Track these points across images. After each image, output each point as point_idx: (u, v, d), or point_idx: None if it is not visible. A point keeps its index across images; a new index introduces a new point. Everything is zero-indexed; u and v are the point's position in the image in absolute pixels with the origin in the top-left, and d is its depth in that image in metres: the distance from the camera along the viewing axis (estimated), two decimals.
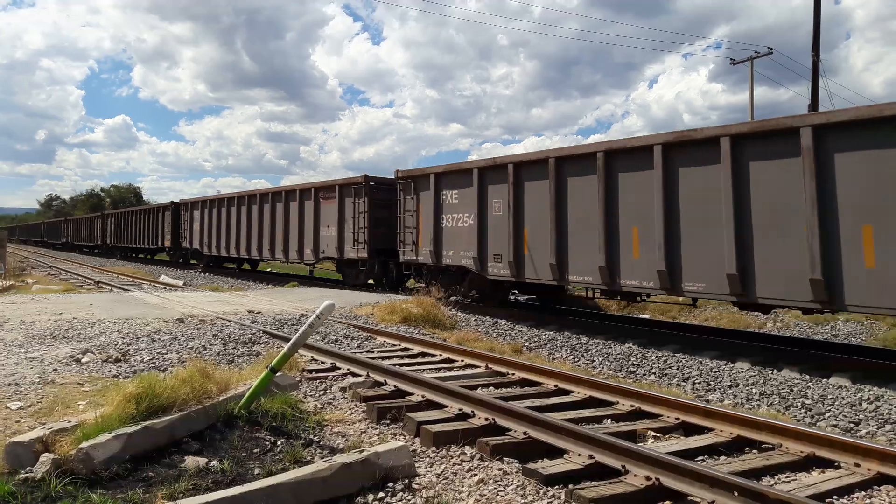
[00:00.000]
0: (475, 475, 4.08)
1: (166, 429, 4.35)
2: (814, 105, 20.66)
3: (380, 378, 6.31)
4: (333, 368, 6.95)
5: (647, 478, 3.79)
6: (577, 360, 8.81)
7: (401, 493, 3.79)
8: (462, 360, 7.57)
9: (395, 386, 6.03)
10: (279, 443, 4.58)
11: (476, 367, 7.28)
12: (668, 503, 3.65)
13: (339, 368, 6.92)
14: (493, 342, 9.48)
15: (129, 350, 7.52)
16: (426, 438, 4.67)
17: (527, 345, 9.65)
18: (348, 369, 6.83)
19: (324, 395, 6.04)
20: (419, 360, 7.75)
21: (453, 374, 7.00)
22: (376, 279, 16.82)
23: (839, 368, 7.88)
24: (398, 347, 8.58)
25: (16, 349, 7.40)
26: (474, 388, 6.08)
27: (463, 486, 3.93)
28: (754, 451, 4.60)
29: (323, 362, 7.24)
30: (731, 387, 7.26)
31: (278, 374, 5.25)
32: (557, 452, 4.36)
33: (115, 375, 6.35)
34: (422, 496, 3.77)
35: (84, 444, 3.89)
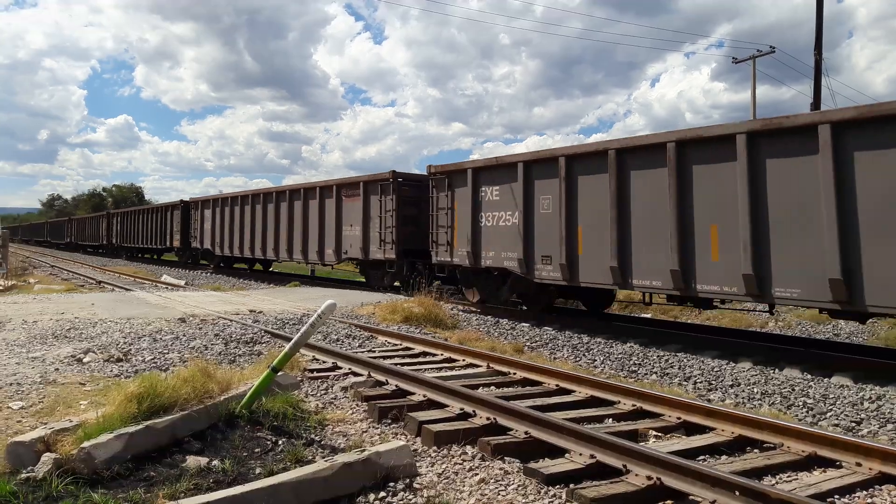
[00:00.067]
0: (476, 475, 4.08)
1: (168, 428, 4.36)
2: (816, 104, 20.62)
3: (381, 377, 6.31)
4: (335, 368, 6.95)
5: (649, 477, 3.79)
6: (578, 359, 8.81)
7: (402, 493, 3.79)
8: (463, 360, 7.57)
9: (396, 385, 6.03)
10: (280, 442, 4.58)
11: (477, 366, 7.28)
12: (669, 503, 3.65)
13: (341, 368, 6.92)
14: (495, 342, 9.48)
15: (130, 350, 7.53)
16: (427, 438, 4.67)
17: (528, 344, 9.65)
18: (350, 369, 6.84)
19: (325, 394, 6.05)
20: (421, 359, 7.75)
21: (455, 373, 7.00)
22: (404, 282, 15.76)
23: (841, 368, 7.87)
24: (399, 347, 8.58)
25: (18, 349, 7.42)
26: (476, 387, 6.08)
27: (464, 486, 3.94)
28: (756, 450, 4.60)
29: (324, 362, 7.24)
30: (732, 386, 7.25)
31: (280, 373, 5.25)
32: (559, 452, 4.36)
33: (116, 375, 6.35)
34: (423, 496, 3.77)
35: (85, 444, 3.89)
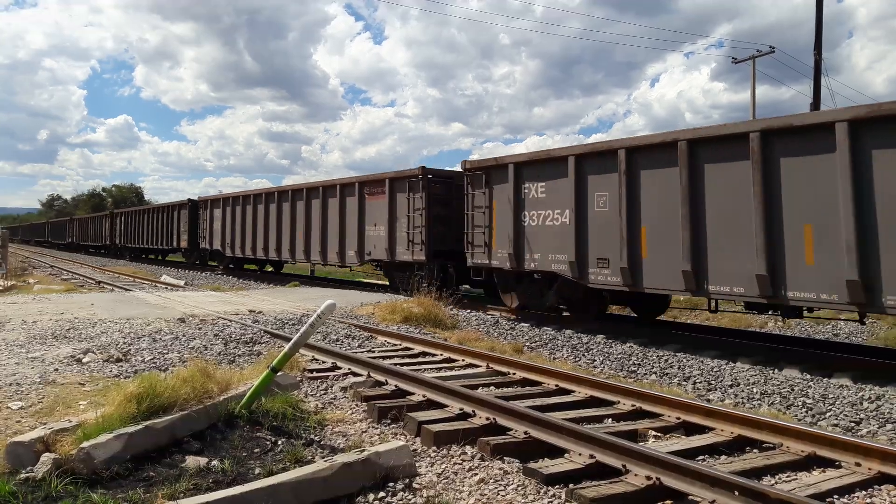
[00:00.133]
0: (476, 475, 4.08)
1: (167, 428, 4.36)
2: (816, 104, 20.62)
3: (381, 378, 6.31)
4: (334, 368, 6.95)
5: (648, 477, 3.79)
6: (577, 359, 8.81)
7: (401, 493, 3.79)
8: (463, 360, 7.57)
9: (395, 385, 6.03)
10: (280, 442, 4.59)
11: (477, 366, 7.29)
12: (668, 503, 3.65)
13: (340, 368, 6.92)
14: (494, 342, 9.48)
15: (130, 350, 7.53)
16: (427, 438, 4.67)
17: (528, 344, 9.65)
18: (349, 369, 6.84)
19: (325, 394, 6.05)
20: (420, 359, 7.75)
21: (454, 373, 7.00)
22: (433, 285, 14.75)
23: (840, 368, 7.87)
24: (399, 347, 8.58)
25: (17, 349, 7.41)
26: (475, 387, 6.08)
27: (464, 486, 3.94)
28: (755, 450, 4.60)
29: (324, 362, 7.24)
30: (732, 386, 7.26)
31: (279, 373, 5.25)
32: (558, 452, 4.36)
33: (116, 375, 6.35)
34: (422, 496, 3.77)
35: (85, 444, 3.89)
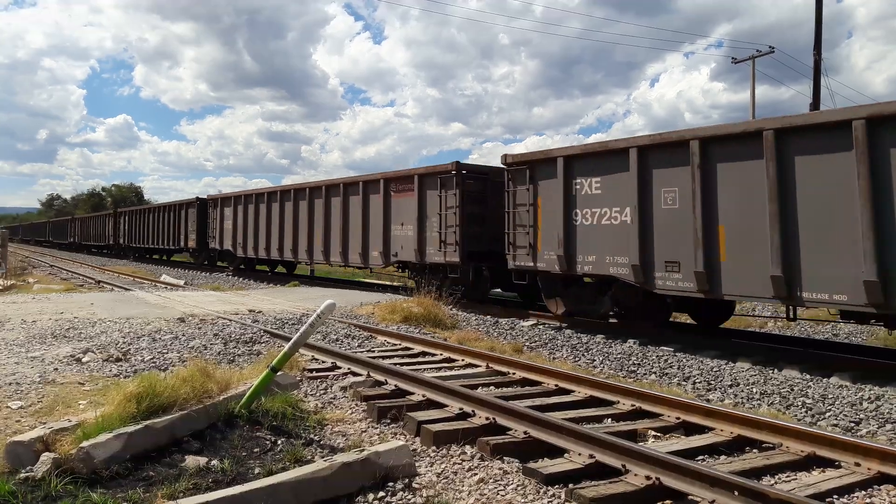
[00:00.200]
0: (475, 474, 4.08)
1: (167, 428, 4.36)
2: (815, 104, 20.63)
3: (380, 377, 6.31)
4: (334, 368, 6.95)
5: (648, 477, 3.79)
6: (577, 359, 8.80)
7: (401, 493, 3.79)
8: (463, 360, 7.57)
9: (395, 385, 6.03)
10: (279, 442, 4.59)
11: (477, 366, 7.28)
12: (668, 502, 3.65)
13: (340, 368, 6.92)
14: (494, 342, 9.48)
15: (129, 349, 7.53)
16: (426, 438, 4.67)
17: (527, 344, 9.64)
18: (349, 368, 6.84)
19: (324, 394, 6.05)
20: (420, 359, 7.75)
21: (454, 373, 7.00)
22: (468, 288, 13.96)
23: (840, 368, 7.87)
24: (399, 347, 8.58)
25: (17, 348, 7.42)
26: (475, 387, 6.08)
27: (463, 486, 3.94)
28: (755, 450, 4.60)
29: (324, 361, 7.24)
30: (731, 386, 7.25)
31: (279, 373, 5.25)
32: (558, 452, 4.36)
33: (115, 375, 6.35)
34: (422, 495, 3.77)
35: (84, 444, 3.89)
